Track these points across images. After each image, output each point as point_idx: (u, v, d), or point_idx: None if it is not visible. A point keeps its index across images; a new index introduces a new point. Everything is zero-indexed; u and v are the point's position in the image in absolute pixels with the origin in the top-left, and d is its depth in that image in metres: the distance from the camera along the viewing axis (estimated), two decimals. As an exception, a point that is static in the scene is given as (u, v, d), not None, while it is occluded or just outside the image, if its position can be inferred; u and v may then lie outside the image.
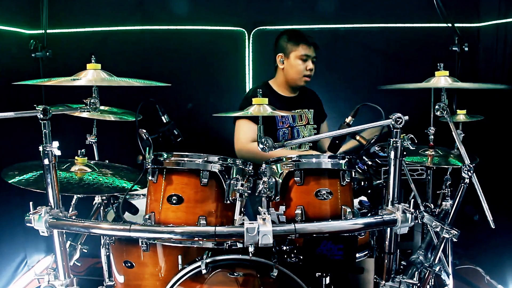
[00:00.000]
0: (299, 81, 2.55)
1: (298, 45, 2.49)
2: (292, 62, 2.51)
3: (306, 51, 2.49)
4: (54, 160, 1.42)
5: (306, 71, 2.51)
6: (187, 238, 1.45)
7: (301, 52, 2.48)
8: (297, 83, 2.56)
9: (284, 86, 2.62)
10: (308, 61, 2.50)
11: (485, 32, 3.10)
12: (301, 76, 2.52)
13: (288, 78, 2.56)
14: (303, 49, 2.48)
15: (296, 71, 2.51)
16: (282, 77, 2.59)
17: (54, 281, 1.45)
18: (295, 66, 2.50)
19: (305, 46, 2.49)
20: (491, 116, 2.49)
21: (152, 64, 3.24)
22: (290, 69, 2.53)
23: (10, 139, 2.77)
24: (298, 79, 2.53)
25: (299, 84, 2.56)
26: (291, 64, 2.52)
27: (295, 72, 2.52)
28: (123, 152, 2.01)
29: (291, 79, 2.55)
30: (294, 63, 2.50)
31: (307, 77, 2.53)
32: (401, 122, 1.44)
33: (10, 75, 2.74)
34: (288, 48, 2.51)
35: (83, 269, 2.90)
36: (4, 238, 2.79)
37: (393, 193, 1.48)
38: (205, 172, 1.56)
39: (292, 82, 2.57)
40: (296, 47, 2.49)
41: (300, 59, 2.49)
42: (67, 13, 3.14)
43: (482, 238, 2.79)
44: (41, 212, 1.40)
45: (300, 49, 2.48)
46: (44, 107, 1.37)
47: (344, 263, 1.48)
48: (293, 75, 2.53)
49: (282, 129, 2.55)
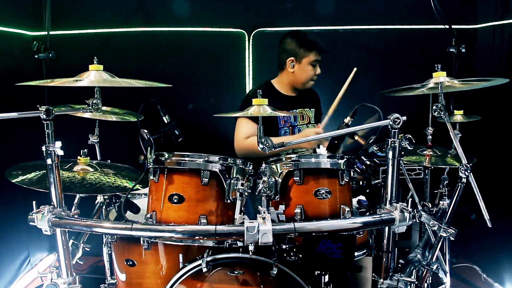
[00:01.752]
0: (308, 84, 2.61)
1: (311, 52, 2.52)
2: (304, 67, 2.54)
3: (317, 57, 2.53)
4: (56, 160, 1.42)
5: (315, 76, 2.57)
6: (188, 236, 1.45)
7: (313, 58, 2.52)
8: (305, 86, 2.61)
9: (288, 86, 2.64)
10: (317, 66, 2.56)
11: (482, 34, 3.10)
12: (309, 80, 2.58)
13: (297, 81, 2.59)
14: (315, 56, 2.52)
15: (307, 76, 2.56)
16: (288, 79, 2.61)
17: (57, 279, 1.46)
18: (307, 72, 2.54)
19: (317, 53, 2.52)
20: (488, 117, 2.49)
21: (154, 65, 3.24)
22: (300, 74, 2.56)
23: (14, 139, 2.78)
24: (306, 82, 2.59)
25: (307, 87, 2.62)
26: (302, 69, 2.54)
27: (306, 76, 2.56)
28: (125, 152, 2.01)
29: (300, 82, 2.59)
30: (305, 68, 2.54)
31: (313, 81, 2.60)
32: (399, 122, 1.44)
33: (13, 76, 2.74)
34: (301, 53, 2.53)
35: (86, 268, 2.91)
36: (8, 236, 2.79)
37: (391, 192, 1.48)
38: (206, 172, 1.56)
39: (300, 85, 2.61)
40: (309, 53, 2.52)
41: (311, 65, 2.53)
42: (70, 15, 3.14)
43: (479, 237, 2.79)
44: (44, 211, 1.40)
45: (312, 55, 2.52)
46: (47, 107, 1.37)
47: (343, 262, 1.48)
48: (304, 79, 2.57)
49: (283, 128, 2.56)
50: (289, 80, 2.61)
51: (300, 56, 2.52)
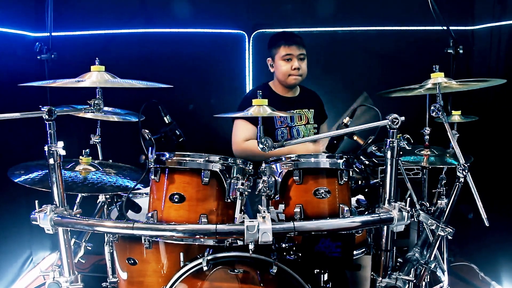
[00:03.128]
0: (288, 81, 2.55)
1: (279, 47, 2.52)
2: (277, 64, 2.54)
3: (286, 50, 2.50)
4: (59, 160, 1.42)
5: (292, 70, 2.51)
6: (189, 235, 1.45)
7: (282, 53, 2.51)
8: (287, 83, 2.57)
9: (280, 87, 2.64)
10: (292, 60, 2.51)
11: (479, 35, 3.10)
12: (287, 76, 2.53)
13: (278, 79, 2.59)
14: (284, 49, 2.51)
15: (281, 72, 2.53)
16: (276, 79, 2.63)
17: (59, 278, 1.45)
18: (280, 67, 2.53)
19: (285, 46, 2.50)
20: (485, 117, 2.49)
21: (155, 66, 3.24)
22: (277, 71, 2.57)
23: (16, 139, 2.78)
24: (285, 79, 2.55)
25: (289, 83, 2.57)
26: (277, 66, 2.55)
27: (281, 73, 2.54)
28: (126, 152, 2.00)
29: (280, 80, 2.58)
30: (278, 64, 2.53)
31: (295, 76, 2.53)
32: (397, 122, 1.44)
33: (16, 77, 2.73)
34: (272, 51, 2.56)
35: (87, 266, 2.91)
36: (10, 235, 2.80)
37: (389, 192, 1.48)
38: (206, 172, 1.56)
39: (283, 83, 2.59)
40: (277, 49, 2.52)
41: (283, 60, 2.51)
42: (72, 16, 3.14)
43: (477, 236, 2.80)
44: (47, 211, 1.40)
45: (281, 50, 2.51)
46: (49, 108, 1.37)
47: (342, 260, 1.48)
48: (280, 76, 2.56)
49: (280, 129, 2.55)
50: (277, 80, 2.62)
51: (273, 54, 2.55)
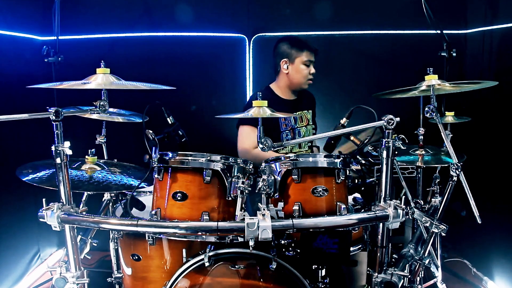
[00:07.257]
0: (304, 85, 2.58)
1: (303, 52, 2.51)
2: (297, 67, 2.53)
3: (309, 57, 2.52)
4: (65, 159, 1.42)
5: (310, 75, 2.55)
6: (191, 232, 1.45)
7: (304, 58, 2.51)
8: (301, 87, 2.59)
9: (285, 89, 2.62)
10: (310, 66, 2.54)
11: (472, 39, 3.10)
12: (306, 80, 2.55)
13: (294, 82, 2.57)
14: (307, 55, 2.51)
15: (302, 75, 2.53)
16: (285, 81, 2.59)
17: (65, 273, 1.45)
18: (301, 71, 2.53)
19: (308, 52, 2.52)
20: (478, 118, 2.49)
21: (158, 69, 3.24)
22: (295, 74, 2.54)
23: (25, 139, 2.77)
24: (303, 83, 2.56)
25: (303, 87, 2.59)
26: (296, 69, 2.53)
27: (301, 76, 2.54)
28: (130, 151, 2.00)
29: (296, 83, 2.57)
30: (299, 68, 2.52)
31: (310, 81, 2.57)
32: (392, 123, 1.44)
33: (24, 79, 2.73)
34: (293, 54, 2.52)
35: (93, 262, 2.91)
36: (19, 232, 2.80)
37: (385, 190, 1.48)
38: (208, 171, 1.56)
39: (297, 86, 2.58)
40: (301, 53, 2.51)
41: (304, 64, 2.52)
42: (78, 20, 3.14)
43: (469, 233, 2.79)
44: (54, 208, 1.40)
45: (304, 55, 2.51)
46: (56, 109, 1.37)
47: (339, 256, 1.48)
48: (299, 79, 2.55)
49: (285, 132, 2.55)
50: (285, 83, 2.59)
51: (293, 56, 2.52)
